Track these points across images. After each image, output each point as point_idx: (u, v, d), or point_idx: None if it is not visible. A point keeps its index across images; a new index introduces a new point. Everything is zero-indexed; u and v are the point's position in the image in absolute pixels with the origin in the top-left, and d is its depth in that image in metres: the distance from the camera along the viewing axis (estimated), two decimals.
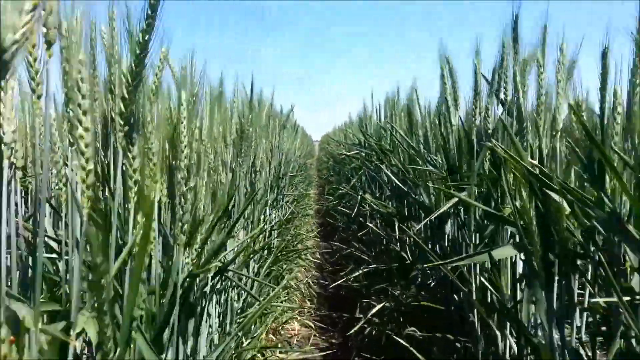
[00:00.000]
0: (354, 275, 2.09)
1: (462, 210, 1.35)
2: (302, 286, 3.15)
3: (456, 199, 1.19)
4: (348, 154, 2.95)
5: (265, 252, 2.48)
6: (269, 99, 2.87)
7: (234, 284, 1.53)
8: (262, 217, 2.46)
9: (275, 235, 2.71)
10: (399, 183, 1.72)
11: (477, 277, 1.21)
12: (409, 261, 1.87)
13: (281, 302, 2.52)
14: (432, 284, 1.55)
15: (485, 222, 1.24)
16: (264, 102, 2.58)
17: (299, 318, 2.68)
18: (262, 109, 2.54)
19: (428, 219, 1.23)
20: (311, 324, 2.57)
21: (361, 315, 1.99)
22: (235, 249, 1.55)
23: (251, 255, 1.85)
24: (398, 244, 2.11)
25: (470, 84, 1.54)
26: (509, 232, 1.12)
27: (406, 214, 2.08)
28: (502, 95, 1.34)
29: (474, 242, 1.22)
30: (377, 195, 2.50)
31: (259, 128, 2.41)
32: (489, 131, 1.32)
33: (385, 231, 2.17)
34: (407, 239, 2.07)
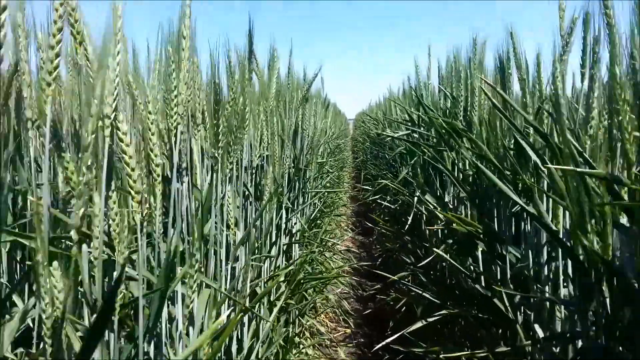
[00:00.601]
0: (412, 328, 1.33)
1: None
2: (336, 309, 2.41)
3: None
4: (395, 135, 2.16)
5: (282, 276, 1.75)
6: (284, 62, 2.11)
7: None
8: (275, 225, 1.73)
9: (297, 256, 1.97)
10: (509, 192, 0.93)
11: None
12: (510, 317, 1.09)
13: None
14: None
15: None
16: (276, 63, 1.82)
17: None
18: (273, 73, 1.78)
19: None
20: None
21: None
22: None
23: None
24: (481, 277, 1.33)
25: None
26: None
27: (495, 229, 1.30)
28: None
29: None
30: (441, 194, 1.71)
31: (266, 100, 1.66)
32: None
33: (459, 259, 1.39)
34: (498, 271, 1.29)
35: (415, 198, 1.69)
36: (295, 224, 2.07)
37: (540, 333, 1.08)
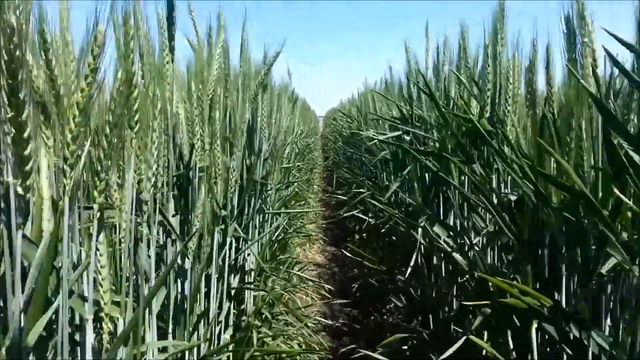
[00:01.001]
0: None
1: None
2: None
3: None
4: (381, 138, 1.65)
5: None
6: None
7: None
8: (217, 266, 1.20)
9: (251, 300, 1.44)
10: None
11: None
12: None
13: None
14: None
15: None
16: (220, 36, 1.28)
17: None
18: (216, 47, 1.24)
19: None
20: None
21: None
22: None
23: None
24: None
25: None
26: None
27: (560, 300, 0.80)
28: None
29: None
30: (462, 226, 1.22)
31: (202, 85, 1.11)
32: None
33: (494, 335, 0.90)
34: None
35: (420, 229, 1.19)
36: (248, 255, 1.54)
37: None
